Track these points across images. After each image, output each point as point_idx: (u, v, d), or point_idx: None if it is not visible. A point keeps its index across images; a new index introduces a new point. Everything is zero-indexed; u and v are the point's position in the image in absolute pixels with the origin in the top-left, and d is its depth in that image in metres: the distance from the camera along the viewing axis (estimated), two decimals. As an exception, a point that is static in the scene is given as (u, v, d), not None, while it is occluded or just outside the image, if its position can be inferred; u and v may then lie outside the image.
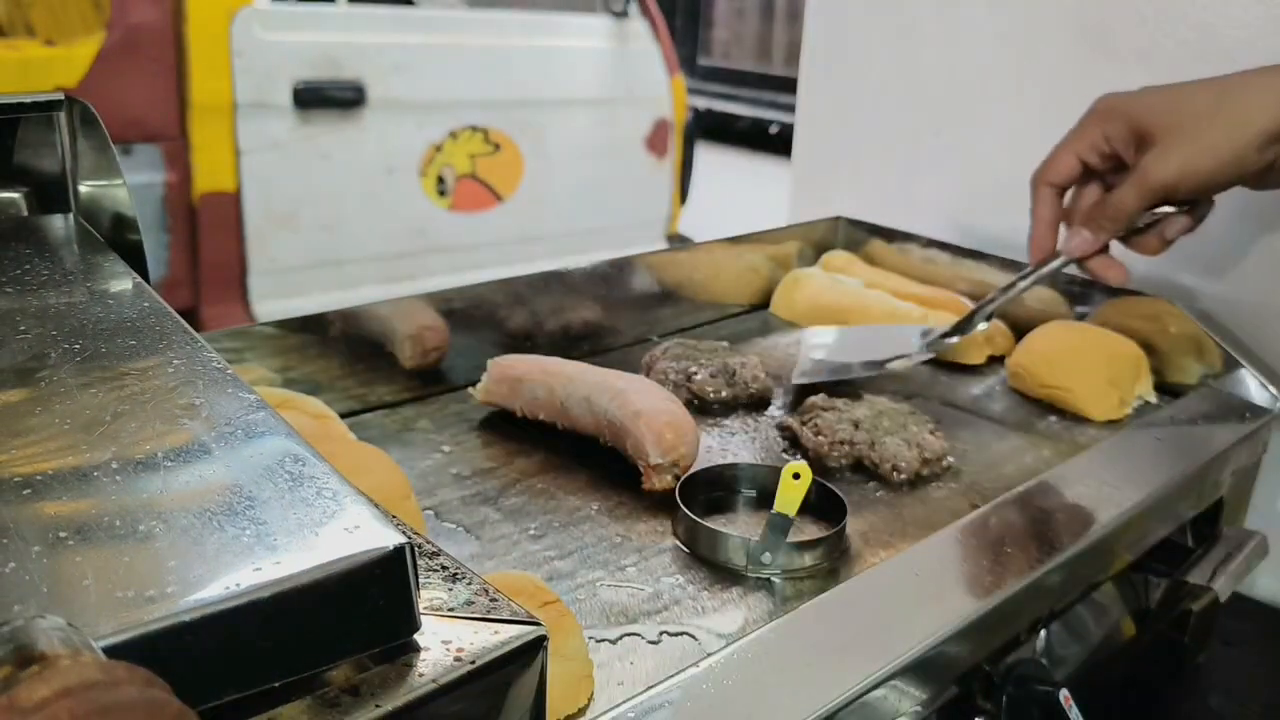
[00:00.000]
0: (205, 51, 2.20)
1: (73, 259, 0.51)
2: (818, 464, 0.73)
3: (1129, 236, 0.76)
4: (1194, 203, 0.74)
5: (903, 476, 0.72)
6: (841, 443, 0.73)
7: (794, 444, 0.77)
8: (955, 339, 0.86)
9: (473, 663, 0.30)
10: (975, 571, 0.56)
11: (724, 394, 0.83)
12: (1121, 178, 0.74)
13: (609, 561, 0.61)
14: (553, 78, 2.83)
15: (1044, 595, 0.59)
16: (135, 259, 0.54)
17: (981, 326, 0.86)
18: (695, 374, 0.83)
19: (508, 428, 0.78)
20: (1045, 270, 0.79)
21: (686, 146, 3.15)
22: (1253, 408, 0.81)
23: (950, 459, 0.74)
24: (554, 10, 2.98)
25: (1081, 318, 0.95)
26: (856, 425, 0.74)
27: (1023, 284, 0.81)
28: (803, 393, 0.83)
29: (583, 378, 0.73)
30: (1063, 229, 0.79)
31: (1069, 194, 0.79)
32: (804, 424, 0.76)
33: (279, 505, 0.30)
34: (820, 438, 0.74)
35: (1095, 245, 0.76)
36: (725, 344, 0.89)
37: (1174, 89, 0.72)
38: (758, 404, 0.84)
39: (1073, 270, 0.97)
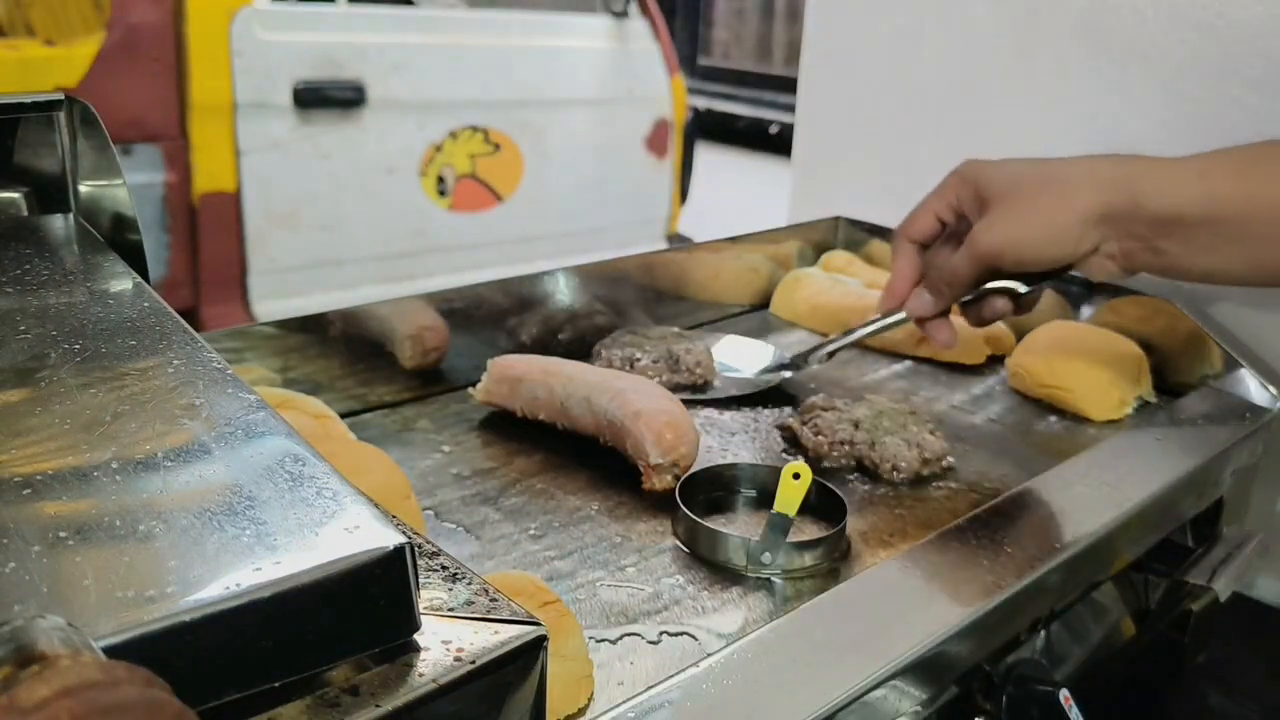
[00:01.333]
0: (205, 51, 2.20)
1: (73, 259, 0.51)
2: (818, 464, 0.73)
3: (963, 306, 0.77)
4: (1030, 284, 0.74)
5: (902, 476, 0.72)
6: (841, 443, 0.73)
7: (794, 444, 0.77)
8: (787, 374, 0.86)
9: (473, 663, 0.30)
10: (975, 571, 0.56)
11: (665, 379, 0.84)
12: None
13: (609, 561, 0.61)
14: (553, 78, 2.83)
15: (1044, 595, 0.59)
16: (135, 259, 0.54)
17: (815, 367, 0.86)
18: (639, 360, 0.84)
19: (508, 428, 0.78)
20: (886, 322, 0.79)
21: (686, 146, 3.15)
22: (1253, 408, 0.81)
23: (950, 459, 0.75)
24: (554, 10, 2.98)
25: (1082, 318, 0.95)
26: (856, 425, 0.74)
27: (861, 332, 0.82)
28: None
29: (583, 378, 0.73)
30: None
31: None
32: (804, 424, 0.76)
33: (279, 505, 0.30)
34: (820, 438, 0.74)
35: (933, 309, 0.76)
36: (675, 330, 0.90)
37: (1017, 163, 0.74)
38: (763, 399, 0.84)
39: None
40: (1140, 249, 0.70)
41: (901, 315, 0.78)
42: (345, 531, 0.29)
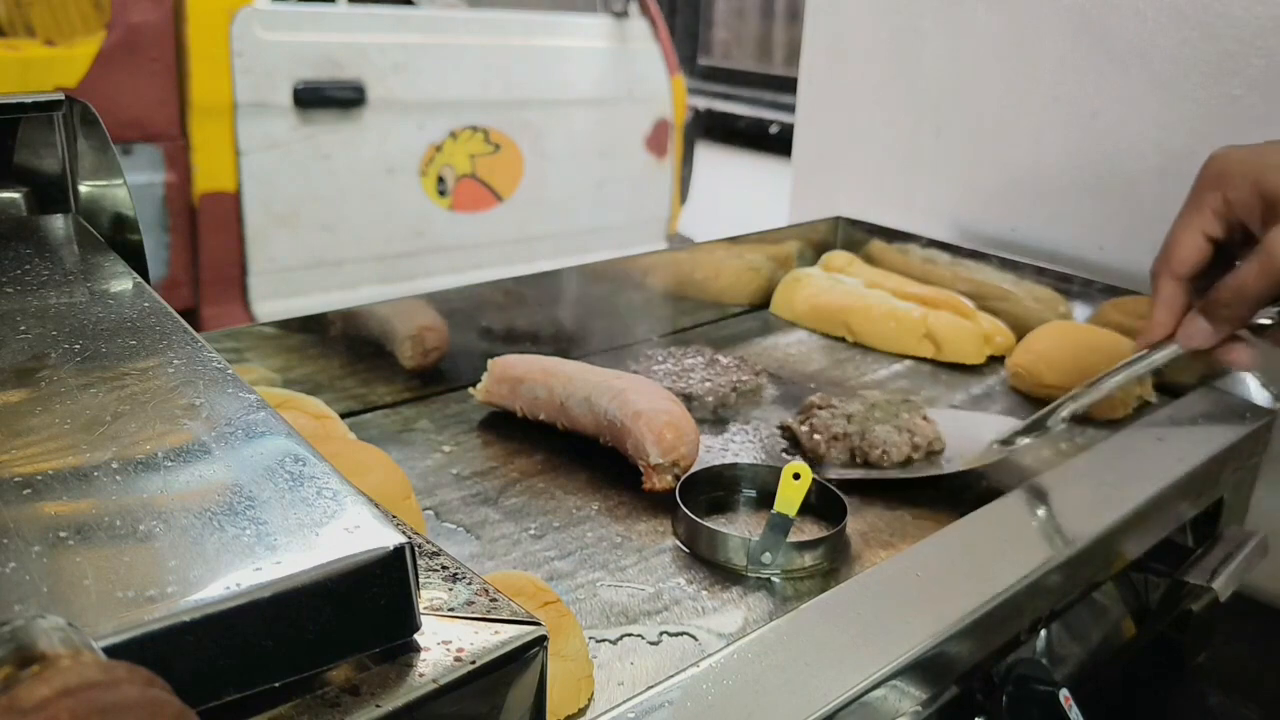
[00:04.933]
0: (205, 51, 2.20)
1: (73, 259, 0.51)
2: (817, 464, 0.73)
3: (1259, 331, 0.64)
4: None
5: (892, 460, 0.72)
6: (835, 438, 0.73)
7: (794, 444, 0.77)
8: (1029, 439, 0.73)
9: (473, 663, 0.30)
10: (975, 571, 0.56)
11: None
12: (1248, 253, 0.62)
13: (609, 561, 0.61)
14: (553, 78, 2.82)
15: (1044, 595, 0.59)
16: (135, 259, 0.54)
17: (1060, 428, 0.72)
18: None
19: (508, 428, 0.78)
20: (1152, 361, 0.68)
21: (686, 146, 3.15)
22: (1253, 408, 0.81)
23: (944, 441, 0.74)
24: (554, 10, 2.97)
25: (1081, 318, 0.95)
26: (850, 419, 0.74)
27: (1117, 379, 0.69)
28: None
29: (583, 378, 0.73)
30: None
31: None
32: (801, 424, 0.76)
33: (279, 505, 0.30)
34: (817, 436, 0.74)
35: (1213, 339, 0.64)
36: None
37: None
38: (755, 404, 0.84)
39: (1072, 269, 0.97)
40: None
41: (1174, 349, 0.66)
42: (345, 531, 0.29)
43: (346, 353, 0.78)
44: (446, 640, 0.30)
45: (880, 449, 0.72)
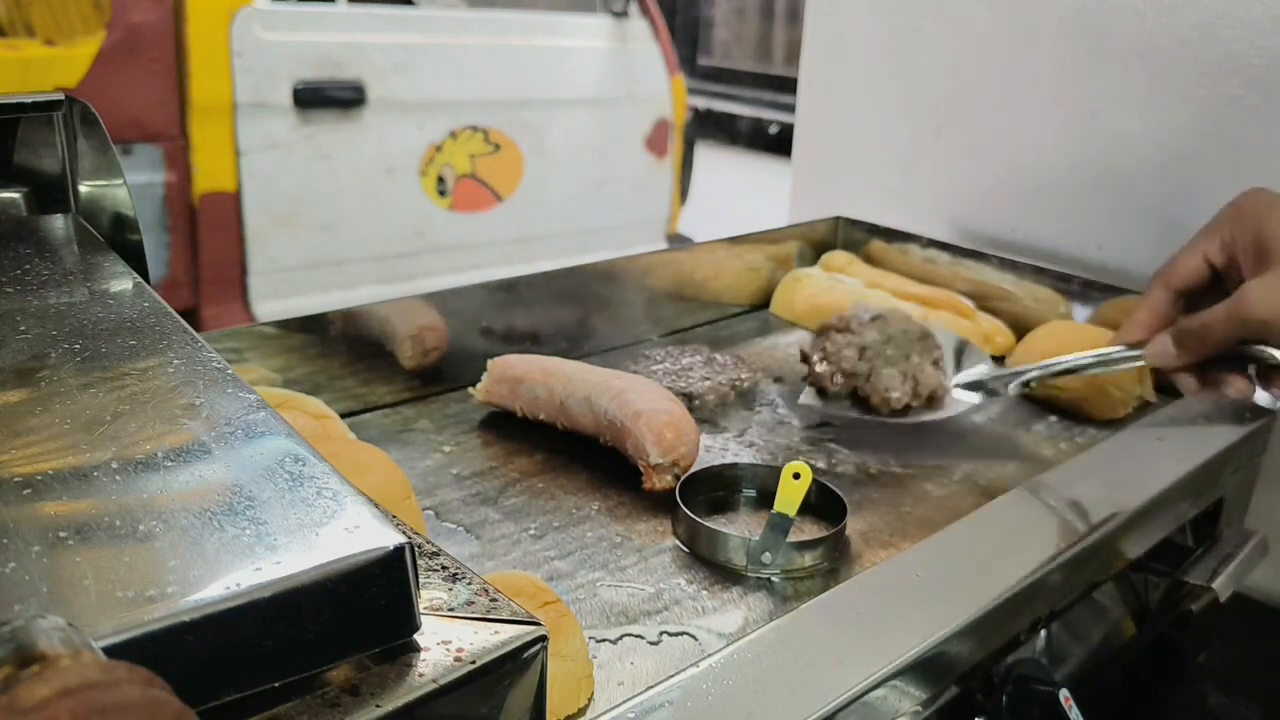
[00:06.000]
0: (205, 51, 2.20)
1: (73, 259, 0.51)
2: (821, 394, 0.74)
3: (1212, 368, 0.66)
4: None
5: (890, 407, 0.72)
6: (843, 373, 0.74)
7: (807, 366, 0.79)
8: (976, 398, 0.79)
9: (473, 663, 0.30)
10: (975, 571, 0.56)
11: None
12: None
13: (609, 561, 0.61)
14: (553, 78, 2.83)
15: (1044, 595, 0.59)
16: (135, 259, 0.54)
17: (1013, 391, 0.79)
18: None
19: (508, 428, 0.78)
20: (1116, 358, 0.71)
21: (686, 146, 3.15)
22: (1253, 408, 0.81)
23: (945, 387, 0.75)
24: (554, 10, 2.98)
25: (1081, 318, 0.95)
26: (862, 352, 0.74)
27: (1081, 360, 0.73)
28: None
29: (583, 378, 0.73)
30: None
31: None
32: (815, 349, 0.78)
33: (279, 505, 0.30)
34: (827, 366, 0.74)
35: (1174, 362, 0.66)
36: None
37: None
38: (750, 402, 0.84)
39: (1072, 269, 0.97)
40: None
41: (1137, 355, 0.69)
42: (345, 531, 0.29)
43: (346, 353, 0.78)
44: (446, 640, 0.30)
45: (881, 394, 0.72)
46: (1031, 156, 1.04)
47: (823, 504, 0.66)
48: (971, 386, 0.80)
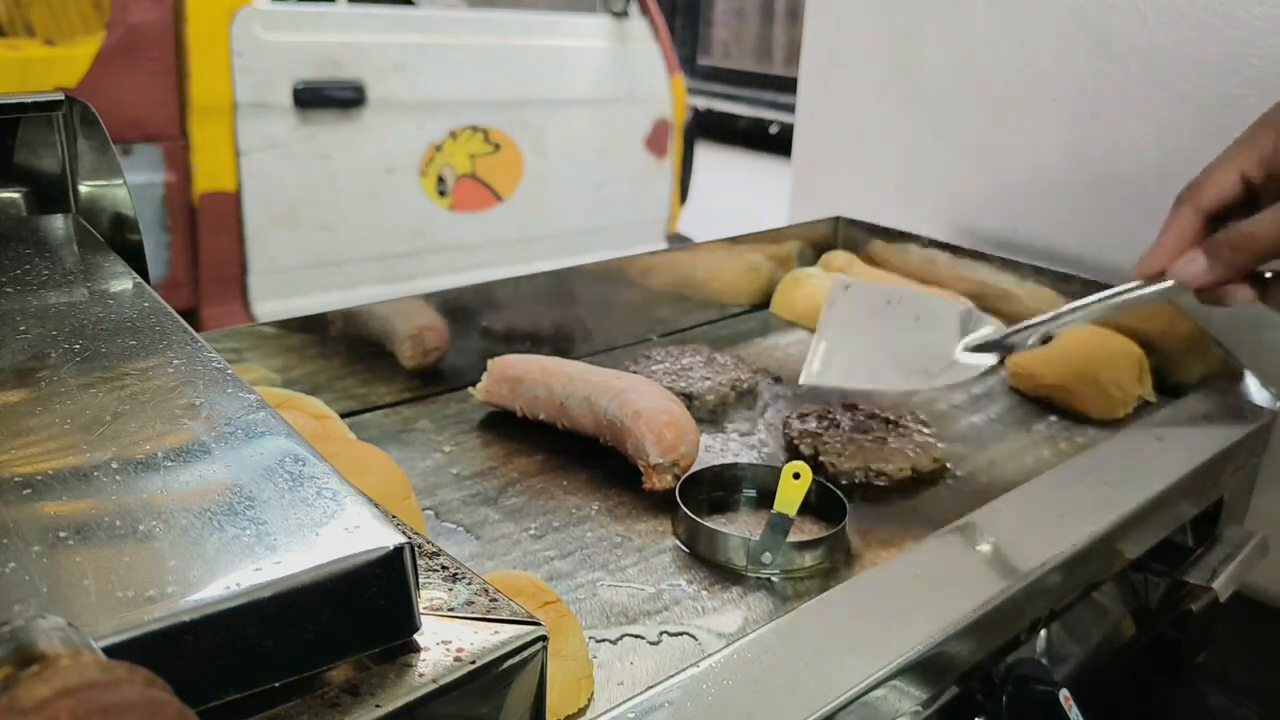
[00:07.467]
0: (205, 51, 2.20)
1: (73, 259, 0.51)
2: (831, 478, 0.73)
3: (1265, 287, 0.62)
4: None
5: (895, 480, 0.72)
6: (842, 458, 0.74)
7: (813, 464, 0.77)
8: (991, 360, 0.74)
9: (473, 663, 0.30)
10: (975, 571, 0.56)
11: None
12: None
13: (609, 561, 0.61)
14: (553, 78, 2.82)
15: (1044, 595, 0.59)
16: (135, 259, 0.54)
17: (1032, 343, 0.73)
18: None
19: (508, 428, 0.78)
20: (1141, 293, 0.67)
21: (686, 146, 3.15)
22: (1253, 408, 0.81)
23: (948, 464, 0.75)
24: (554, 10, 2.97)
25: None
26: (853, 453, 0.74)
27: (1096, 298, 0.69)
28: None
29: (583, 378, 0.73)
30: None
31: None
32: (806, 446, 0.76)
33: (279, 505, 0.30)
34: (824, 458, 0.74)
35: (1207, 278, 0.62)
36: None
37: None
38: (751, 404, 0.84)
39: (1072, 269, 0.97)
40: None
41: (1167, 284, 0.65)
42: (345, 531, 0.29)
43: (346, 353, 0.78)
44: (446, 640, 0.30)
45: (879, 468, 0.72)
46: (1031, 156, 1.04)
47: (823, 504, 0.66)
48: (985, 348, 0.74)
